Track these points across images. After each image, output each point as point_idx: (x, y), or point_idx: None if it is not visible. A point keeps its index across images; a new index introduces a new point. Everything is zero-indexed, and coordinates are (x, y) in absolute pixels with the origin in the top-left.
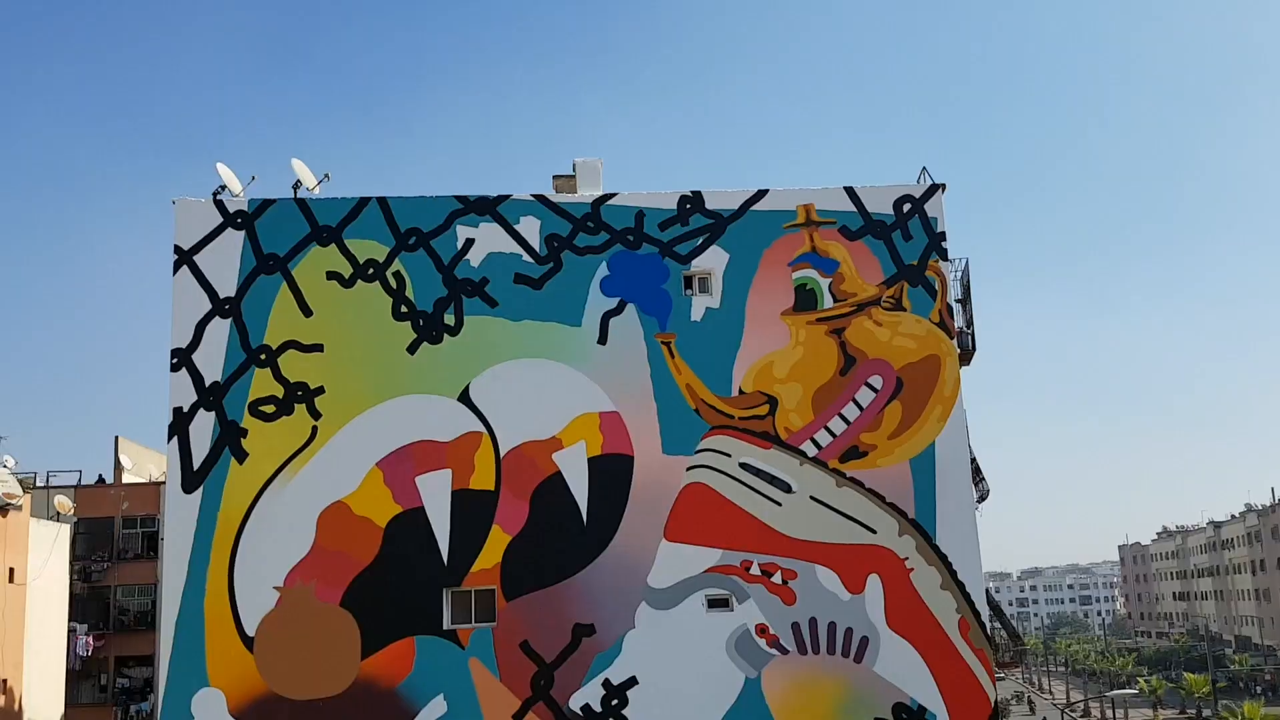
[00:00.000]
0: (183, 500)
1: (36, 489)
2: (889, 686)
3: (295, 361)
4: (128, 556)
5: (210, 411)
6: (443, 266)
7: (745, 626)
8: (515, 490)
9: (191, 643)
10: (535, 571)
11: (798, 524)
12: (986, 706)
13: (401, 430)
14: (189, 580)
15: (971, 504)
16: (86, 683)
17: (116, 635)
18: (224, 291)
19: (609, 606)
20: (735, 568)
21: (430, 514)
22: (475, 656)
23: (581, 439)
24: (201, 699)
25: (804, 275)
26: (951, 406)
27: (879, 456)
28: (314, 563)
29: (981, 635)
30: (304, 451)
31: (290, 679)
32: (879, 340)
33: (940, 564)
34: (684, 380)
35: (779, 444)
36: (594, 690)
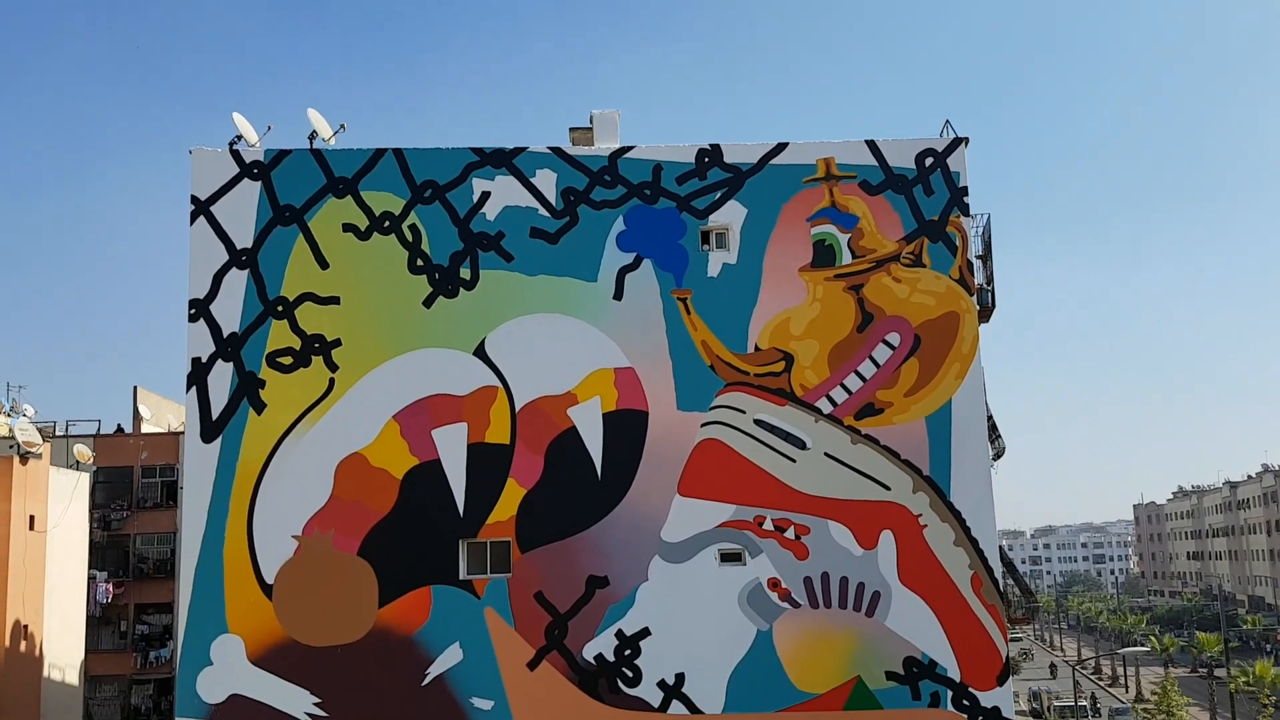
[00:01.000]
0: (202, 450)
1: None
2: (900, 641)
3: (312, 314)
4: (147, 505)
5: (228, 362)
6: (458, 220)
7: (758, 580)
8: (530, 445)
9: (211, 590)
10: (550, 524)
11: (811, 480)
12: (998, 662)
13: (418, 384)
14: (208, 528)
15: (987, 461)
16: (106, 629)
17: (136, 583)
18: (241, 243)
19: (622, 559)
20: (748, 523)
21: (446, 467)
22: (490, 606)
23: (596, 394)
24: (221, 645)
25: (823, 231)
26: (969, 364)
27: (895, 414)
28: (332, 513)
29: (994, 591)
30: (321, 403)
31: (308, 626)
32: (897, 297)
33: (954, 520)
34: (699, 337)
35: (794, 401)
36: (607, 640)
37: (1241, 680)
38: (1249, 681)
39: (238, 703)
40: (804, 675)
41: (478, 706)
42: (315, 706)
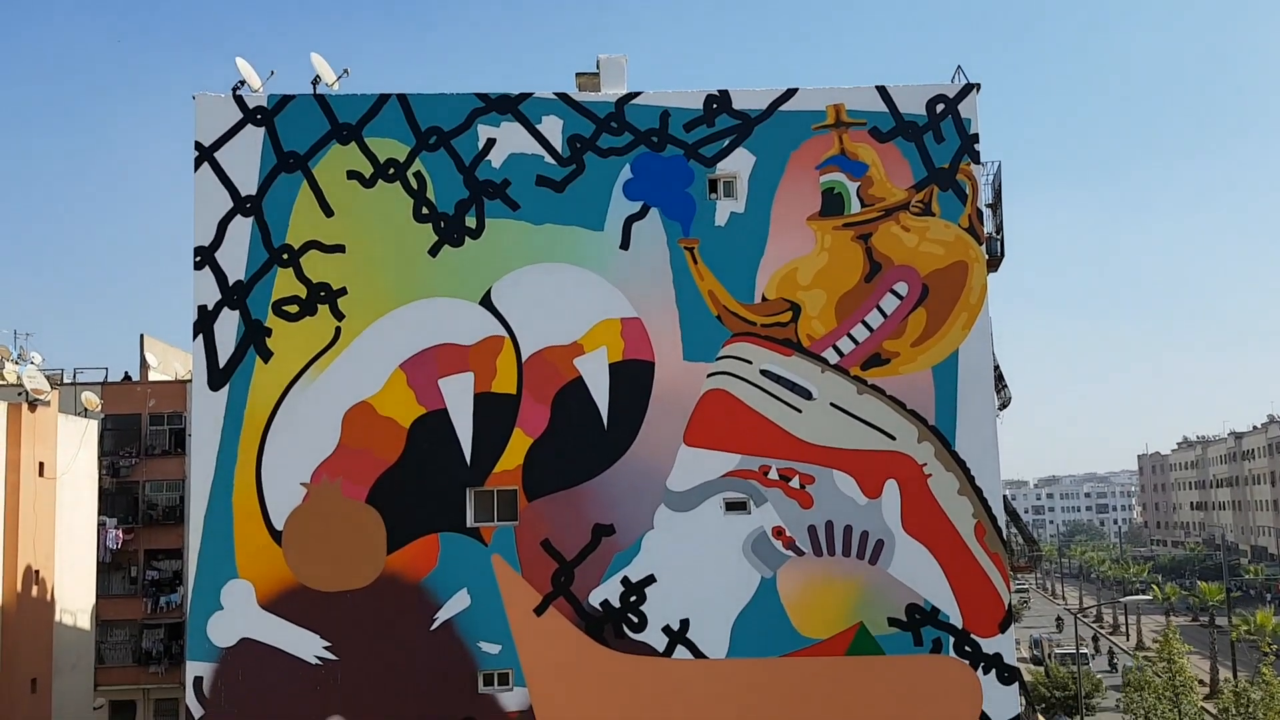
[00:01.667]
0: (209, 398)
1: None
2: (903, 588)
3: (317, 262)
4: (155, 452)
5: (234, 310)
6: (464, 167)
7: (762, 529)
8: (537, 394)
9: (221, 536)
10: (556, 473)
11: (817, 430)
12: (1000, 609)
13: (424, 333)
14: (217, 476)
15: (993, 411)
16: (117, 574)
17: (145, 529)
18: (245, 189)
19: (628, 508)
20: (754, 472)
21: (453, 416)
22: (498, 553)
23: (603, 345)
24: (231, 590)
25: (832, 179)
26: (977, 314)
27: (901, 364)
28: (339, 461)
29: (997, 540)
30: (328, 352)
31: (318, 572)
32: (906, 246)
33: (959, 470)
34: (706, 287)
35: (801, 351)
36: (613, 587)
37: (1243, 629)
38: (1250, 630)
39: (248, 646)
40: (807, 621)
41: (485, 651)
42: (325, 650)
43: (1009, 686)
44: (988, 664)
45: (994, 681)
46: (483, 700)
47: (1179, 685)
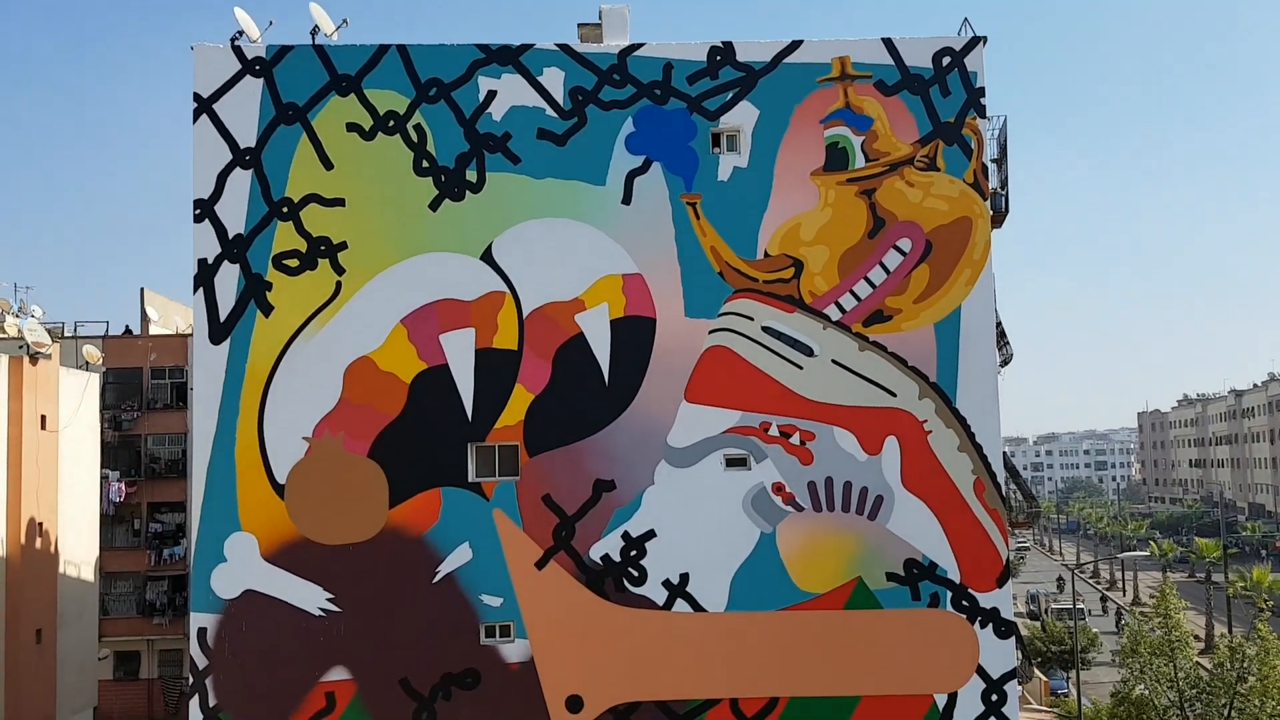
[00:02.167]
0: (210, 352)
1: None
2: (901, 543)
3: (317, 215)
4: (157, 406)
5: (234, 264)
6: (464, 120)
7: (762, 485)
8: (538, 350)
9: (223, 489)
10: (557, 429)
11: (818, 387)
12: (998, 564)
13: (424, 288)
14: (219, 429)
15: (994, 368)
16: (120, 527)
17: (148, 482)
18: (244, 142)
19: (629, 464)
20: (754, 429)
21: (454, 371)
22: (499, 508)
23: (604, 301)
24: (234, 542)
25: (836, 133)
26: (981, 270)
27: (904, 320)
28: (341, 415)
29: (996, 496)
30: (328, 307)
31: (320, 525)
32: (910, 202)
33: (959, 426)
34: (708, 242)
35: (803, 308)
36: (613, 542)
37: (1239, 585)
38: (1246, 587)
39: (252, 598)
40: (806, 576)
41: (487, 603)
42: (328, 602)
43: (1005, 640)
44: (985, 618)
45: (990, 635)
46: (485, 652)
47: (1174, 641)
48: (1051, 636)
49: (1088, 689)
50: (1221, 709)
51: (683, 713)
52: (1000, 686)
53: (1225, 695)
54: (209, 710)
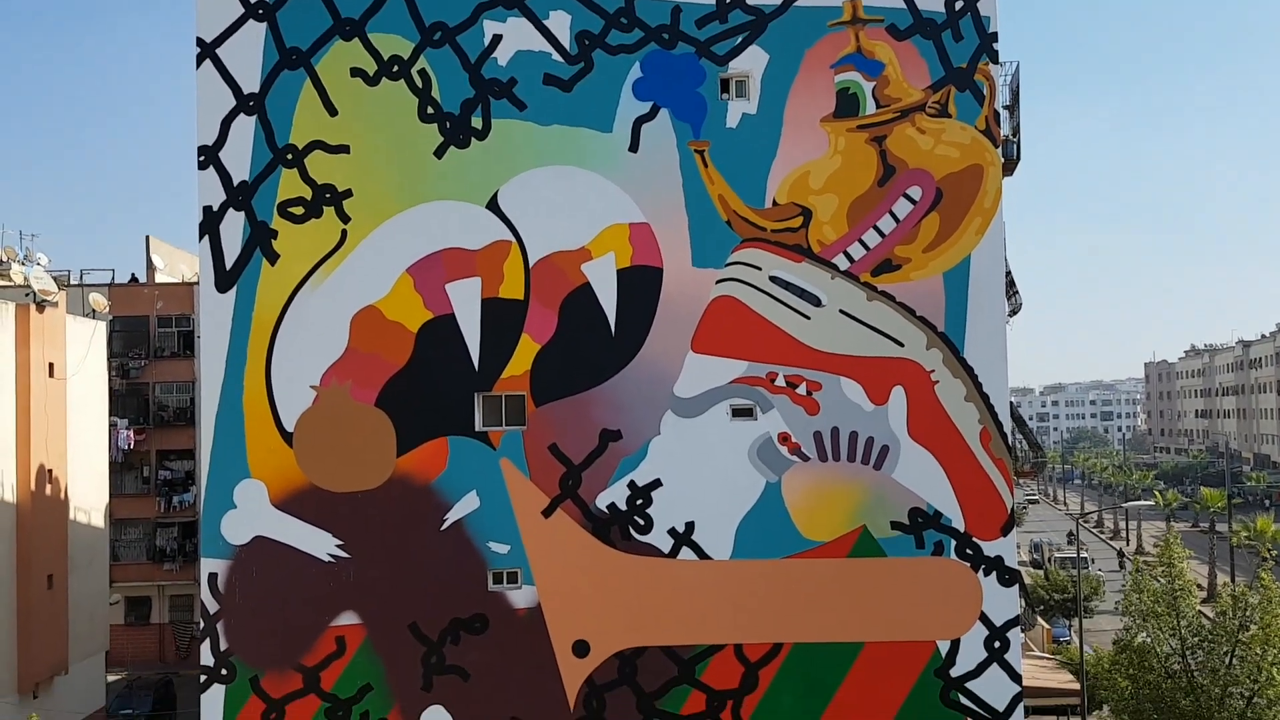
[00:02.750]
0: (217, 300)
1: (70, 287)
2: (906, 493)
3: (322, 162)
4: (164, 354)
5: (239, 212)
6: (469, 65)
7: (768, 435)
8: (544, 300)
9: (232, 437)
10: (564, 379)
11: (825, 337)
12: (1003, 513)
13: (430, 237)
14: (227, 378)
15: (1003, 318)
16: (129, 474)
17: (156, 430)
18: (248, 87)
19: (635, 414)
20: (760, 379)
21: (461, 321)
22: (506, 457)
23: (611, 250)
24: (244, 489)
25: (847, 78)
26: (991, 218)
27: (912, 270)
28: (348, 364)
29: (1002, 445)
30: (334, 255)
31: (329, 473)
32: (921, 149)
33: (966, 376)
34: (716, 191)
35: (811, 257)
36: (619, 491)
37: (1243, 535)
38: (1250, 536)
39: (262, 544)
40: (810, 524)
41: (494, 550)
42: (337, 548)
43: (1009, 589)
44: (988, 566)
45: (994, 583)
46: (492, 598)
47: (1178, 589)
48: (1054, 585)
49: (1090, 637)
50: (1223, 657)
51: (687, 658)
52: (1003, 634)
53: (1227, 643)
54: (220, 654)
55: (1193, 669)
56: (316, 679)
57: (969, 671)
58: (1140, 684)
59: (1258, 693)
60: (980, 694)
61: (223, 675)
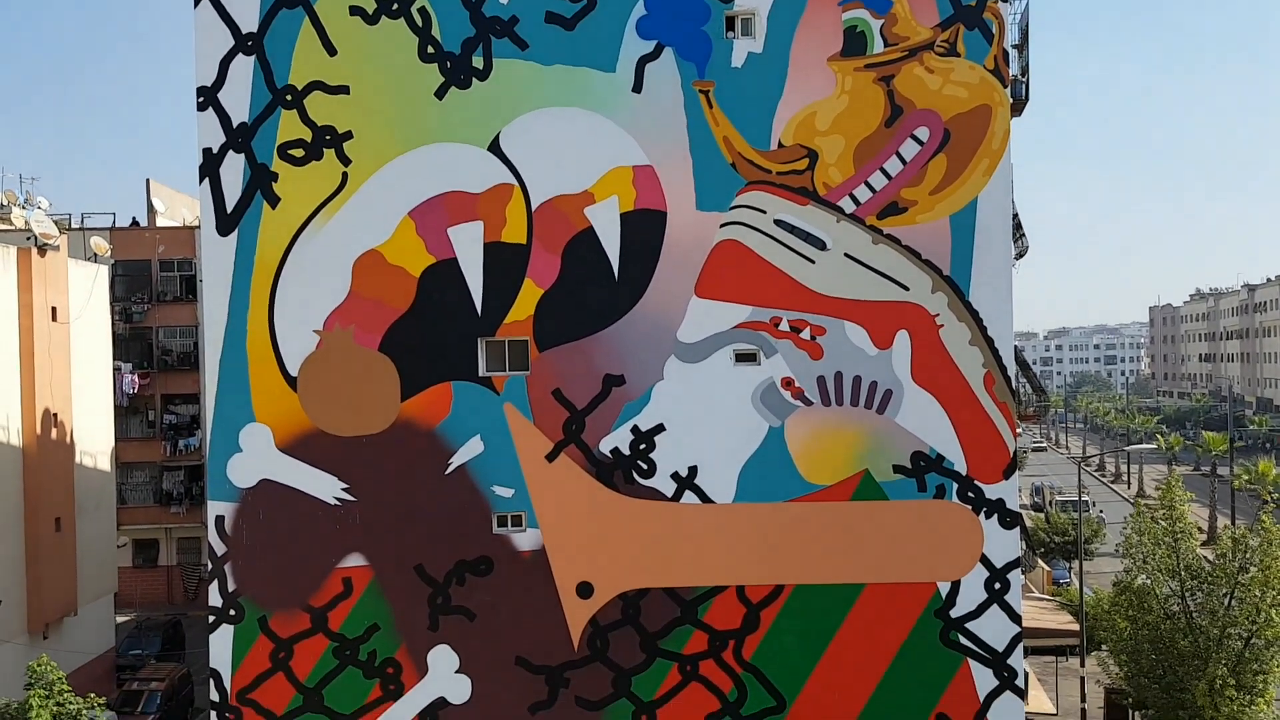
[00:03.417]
0: (218, 243)
1: (71, 231)
2: (909, 436)
3: (322, 104)
4: (167, 299)
5: (239, 154)
6: (470, 2)
7: (771, 379)
8: (547, 244)
9: (236, 381)
10: (567, 324)
11: (830, 281)
12: (1005, 456)
13: (432, 180)
14: (230, 322)
15: (1009, 261)
16: (135, 418)
17: (161, 374)
18: (246, 27)
19: (639, 359)
20: (764, 324)
21: (463, 265)
22: (510, 402)
23: (614, 194)
24: (249, 433)
25: (854, 16)
26: (999, 160)
27: (919, 212)
28: (351, 308)
29: (1006, 389)
30: (335, 198)
31: (334, 417)
32: (929, 89)
33: (971, 320)
34: (721, 132)
35: (816, 200)
36: (623, 435)
37: (1244, 478)
38: (1251, 480)
39: (268, 487)
40: (813, 468)
41: (499, 494)
42: (343, 492)
43: (1010, 531)
44: (990, 509)
45: (995, 526)
46: (497, 540)
47: (1178, 531)
48: (1055, 527)
49: (1090, 579)
50: (1222, 598)
51: (690, 599)
52: (1003, 575)
53: (1226, 585)
54: (228, 595)
55: (1191, 610)
56: (324, 619)
57: (969, 612)
58: (1139, 625)
59: (1256, 634)
60: (980, 634)
61: (231, 616)
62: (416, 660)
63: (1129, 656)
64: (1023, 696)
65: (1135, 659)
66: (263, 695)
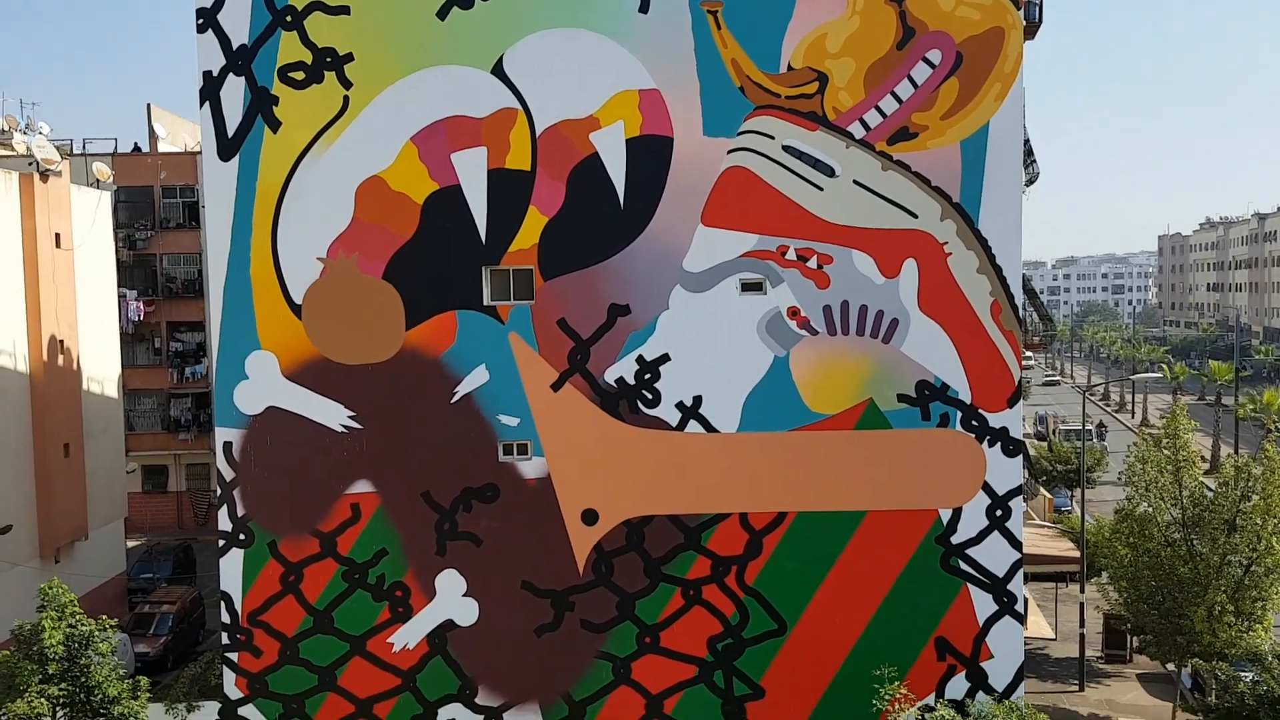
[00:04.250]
0: (220, 169)
1: (73, 156)
2: (915, 365)
3: (322, 25)
4: (170, 226)
5: (240, 77)
6: None
7: (777, 309)
8: (551, 171)
9: (241, 308)
10: (572, 253)
11: (838, 209)
12: (1010, 385)
13: (434, 104)
14: (233, 248)
15: (1019, 187)
16: (141, 346)
17: (166, 301)
18: None
19: (644, 288)
20: (771, 253)
21: (467, 192)
22: (515, 331)
23: (620, 119)
24: (255, 360)
25: None
26: (1011, 84)
27: (929, 138)
28: (354, 235)
29: (1013, 318)
30: (337, 123)
31: (339, 345)
32: (941, 10)
33: (979, 248)
34: (729, 55)
35: (826, 125)
36: (628, 365)
37: (1249, 407)
38: (1256, 409)
39: (275, 414)
40: (817, 398)
41: (504, 423)
42: (350, 419)
43: (1013, 459)
44: (993, 437)
45: (999, 454)
46: (503, 468)
47: (1181, 460)
48: (1058, 456)
49: (1092, 507)
50: (1223, 526)
51: (694, 526)
52: (1005, 503)
53: (1228, 513)
54: (238, 520)
55: (1192, 538)
56: (333, 543)
57: (970, 539)
58: (1140, 552)
59: (1256, 561)
60: (980, 560)
61: (241, 540)
62: (424, 584)
63: (1129, 583)
64: (1022, 621)
65: (1135, 585)
66: (273, 617)
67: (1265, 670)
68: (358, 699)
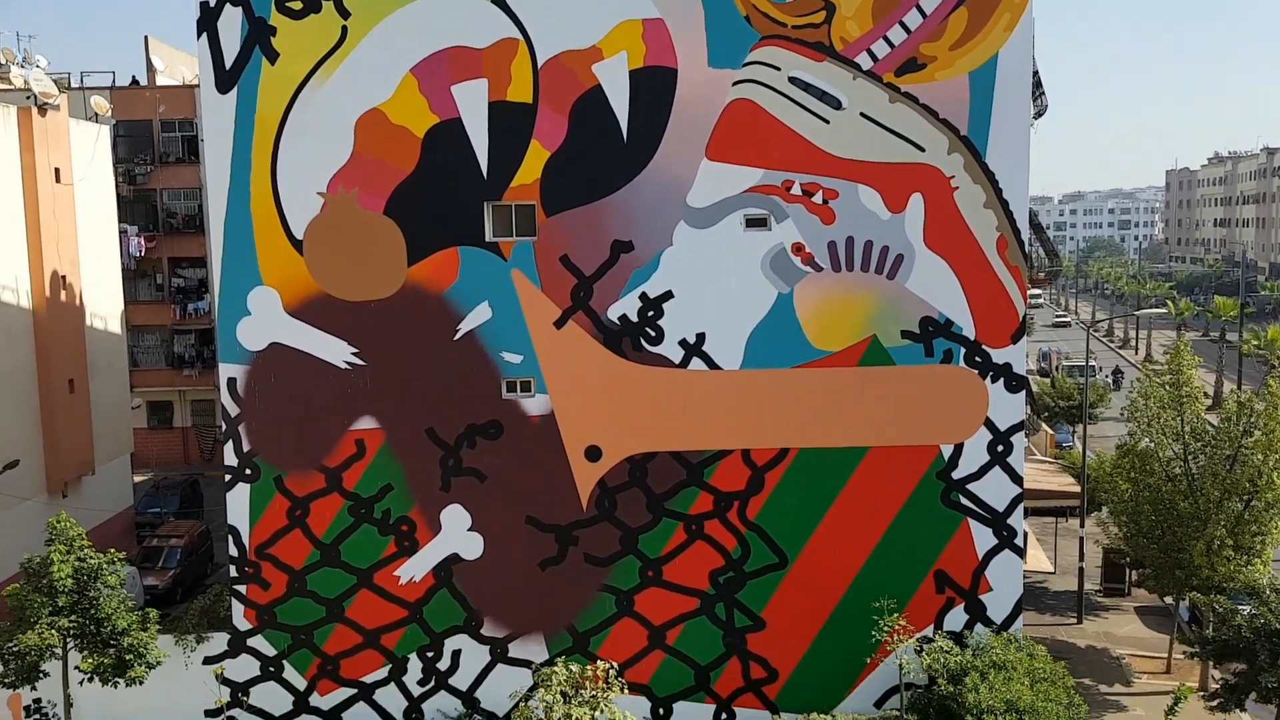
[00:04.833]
0: (218, 101)
1: (71, 90)
2: (919, 301)
3: None
4: (170, 160)
5: (237, 7)
6: None
7: (782, 245)
8: (554, 104)
9: (242, 244)
10: (574, 188)
11: (844, 143)
12: (1014, 320)
13: (434, 33)
14: (233, 183)
15: (1027, 120)
16: (143, 281)
17: (167, 237)
18: None
19: (647, 224)
20: (776, 188)
21: (468, 125)
22: (517, 268)
23: (623, 49)
24: (257, 296)
25: None
26: (1021, 13)
27: (938, 69)
28: (354, 170)
29: (1018, 253)
30: (335, 53)
31: (341, 281)
32: None
33: (986, 181)
34: None
35: (833, 56)
36: (631, 302)
37: (1253, 343)
38: (1260, 345)
39: (278, 350)
40: (821, 334)
41: (508, 360)
42: (353, 356)
43: (1015, 395)
44: (996, 373)
45: (1001, 390)
46: (507, 405)
47: (1184, 396)
48: (1060, 392)
49: (1094, 443)
50: (1224, 461)
51: (696, 462)
52: (1007, 438)
53: (1230, 447)
54: (244, 455)
55: (1193, 473)
56: (339, 479)
57: (971, 474)
58: (1140, 487)
59: (1256, 496)
60: (981, 495)
61: (247, 475)
62: (429, 518)
63: (1129, 518)
64: (1021, 555)
65: (1135, 520)
66: (280, 550)
67: (1263, 603)
68: (365, 630)
